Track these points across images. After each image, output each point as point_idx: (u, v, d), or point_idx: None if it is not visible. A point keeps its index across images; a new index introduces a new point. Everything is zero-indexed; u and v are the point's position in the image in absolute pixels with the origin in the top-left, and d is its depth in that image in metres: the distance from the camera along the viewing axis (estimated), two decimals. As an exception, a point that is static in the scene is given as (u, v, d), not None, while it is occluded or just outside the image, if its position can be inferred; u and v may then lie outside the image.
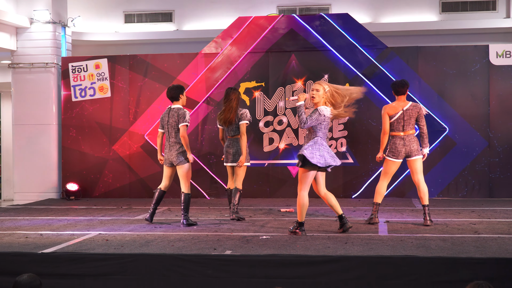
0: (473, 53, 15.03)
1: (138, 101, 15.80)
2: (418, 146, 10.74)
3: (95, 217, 12.41)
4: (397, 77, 14.67)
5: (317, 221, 11.35)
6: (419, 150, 10.74)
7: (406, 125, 10.75)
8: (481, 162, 14.87)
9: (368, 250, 8.54)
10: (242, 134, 11.50)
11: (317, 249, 8.69)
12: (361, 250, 8.55)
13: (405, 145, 10.71)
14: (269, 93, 15.38)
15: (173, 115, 11.03)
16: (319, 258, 8.09)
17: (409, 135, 10.75)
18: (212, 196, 15.56)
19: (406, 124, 10.75)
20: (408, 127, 10.75)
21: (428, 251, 8.46)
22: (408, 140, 10.72)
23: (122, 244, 9.26)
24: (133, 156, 15.80)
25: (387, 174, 10.94)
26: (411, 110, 10.75)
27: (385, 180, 10.95)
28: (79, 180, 15.91)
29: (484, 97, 14.91)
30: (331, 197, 9.95)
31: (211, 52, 15.61)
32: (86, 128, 15.99)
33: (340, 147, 15.14)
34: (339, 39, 15.24)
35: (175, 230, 10.51)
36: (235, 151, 11.62)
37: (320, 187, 9.91)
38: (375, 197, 10.99)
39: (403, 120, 10.74)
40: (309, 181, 9.66)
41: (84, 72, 16.02)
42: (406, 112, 10.75)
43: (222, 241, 9.39)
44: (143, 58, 15.95)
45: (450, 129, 14.85)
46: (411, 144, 10.70)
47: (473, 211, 12.52)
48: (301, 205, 9.66)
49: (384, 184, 10.96)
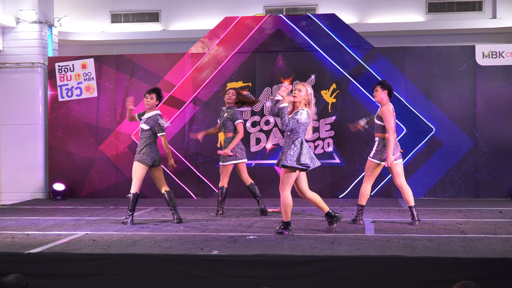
0: (459, 53, 15.06)
1: (125, 101, 15.73)
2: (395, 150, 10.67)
3: (81, 217, 12.37)
4: (384, 77, 14.69)
5: (303, 221, 11.35)
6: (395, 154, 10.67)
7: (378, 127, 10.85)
8: (467, 162, 14.91)
9: (355, 250, 8.55)
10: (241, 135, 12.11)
11: (304, 249, 8.69)
12: (348, 250, 8.56)
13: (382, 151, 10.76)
14: (256, 93, 15.37)
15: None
16: (306, 258, 8.09)
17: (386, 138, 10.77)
18: (199, 196, 15.53)
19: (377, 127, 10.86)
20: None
21: (415, 251, 8.47)
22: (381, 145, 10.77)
23: (109, 244, 9.24)
24: (119, 156, 15.76)
25: (372, 177, 10.90)
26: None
27: (369, 182, 10.91)
28: (65, 180, 15.85)
29: (470, 97, 14.95)
30: (316, 197, 9.95)
31: (198, 52, 15.59)
32: (73, 128, 15.93)
33: (327, 147, 15.15)
34: (326, 39, 15.25)
35: (162, 230, 10.48)
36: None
37: (304, 187, 9.89)
38: (360, 199, 10.95)
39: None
40: (292, 181, 9.68)
41: (71, 72, 15.97)
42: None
43: (209, 241, 9.38)
44: (129, 58, 15.92)
45: (436, 129, 14.88)
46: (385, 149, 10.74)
47: (460, 211, 12.56)
48: (286, 205, 9.67)
49: (369, 187, 10.92)
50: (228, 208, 13.24)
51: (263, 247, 8.87)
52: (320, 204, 9.94)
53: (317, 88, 15.09)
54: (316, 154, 14.97)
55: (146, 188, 14.03)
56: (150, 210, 13.30)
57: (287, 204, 9.66)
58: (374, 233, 9.98)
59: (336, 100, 15.21)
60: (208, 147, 15.27)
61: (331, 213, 10.04)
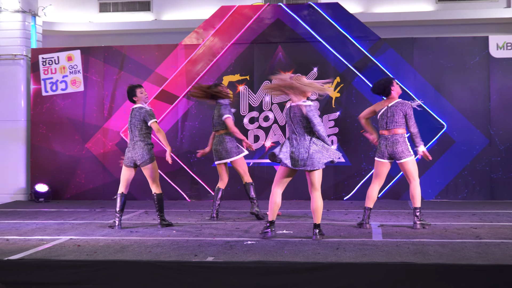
0: (472, 45, 15.03)
1: (114, 95, 15.71)
2: (404, 147, 10.61)
3: (66, 220, 12.31)
4: (391, 70, 14.66)
5: (306, 224, 11.29)
6: (406, 152, 10.61)
7: (389, 122, 10.69)
8: (481, 162, 14.86)
9: (361, 257, 8.50)
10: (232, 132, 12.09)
11: (306, 255, 8.64)
12: (353, 257, 8.51)
13: (387, 146, 10.67)
14: (254, 87, 15.33)
15: (135, 115, 11.22)
16: (309, 265, 8.04)
17: (393, 135, 10.67)
18: (193, 198, 15.49)
19: (389, 122, 10.70)
20: (392, 125, 10.67)
21: (426, 257, 8.42)
22: (391, 141, 10.66)
23: (95, 250, 9.19)
24: (107, 155, 15.71)
25: (377, 176, 10.90)
26: (396, 107, 10.71)
27: (377, 183, 10.90)
28: (49, 181, 15.79)
29: (484, 91, 14.91)
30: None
31: (192, 43, 15.54)
32: (57, 125, 15.88)
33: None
34: (329, 30, 15.20)
35: (152, 235, 10.43)
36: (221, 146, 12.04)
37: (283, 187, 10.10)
38: (366, 201, 10.94)
39: (386, 117, 10.72)
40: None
41: (56, 64, 15.91)
42: (390, 109, 10.73)
43: (203, 246, 9.33)
44: (118, 49, 15.86)
45: (448, 126, 14.84)
46: (394, 145, 10.63)
47: (474, 214, 12.50)
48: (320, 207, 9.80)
49: (376, 188, 10.91)
50: (224, 210, 13.18)
51: (262, 253, 8.82)
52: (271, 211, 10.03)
53: (319, 82, 15.03)
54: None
55: (134, 189, 13.99)
56: (140, 213, 13.25)
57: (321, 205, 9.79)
58: (382, 238, 9.93)
59: (340, 95, 15.18)
60: (203, 145, 15.18)
61: (273, 222, 10.06)
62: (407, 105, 10.71)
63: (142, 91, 11.29)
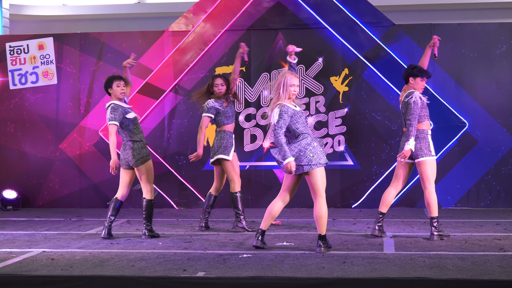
0: (498, 32, 15.08)
1: (91, 89, 15.76)
2: (423, 145, 10.73)
3: (38, 231, 12.36)
4: (406, 60, 14.71)
5: (309, 235, 11.36)
6: (425, 150, 10.73)
7: (404, 118, 10.92)
8: (508, 164, 14.93)
9: (371, 271, 8.55)
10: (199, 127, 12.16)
11: (309, 270, 8.69)
12: (362, 271, 8.55)
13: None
14: (251, 80, 15.38)
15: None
16: (312, 281, 8.04)
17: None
18: (181, 206, 15.54)
19: (404, 118, 10.92)
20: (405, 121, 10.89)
21: (444, 272, 8.47)
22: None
23: (71, 264, 9.22)
24: (84, 156, 15.75)
25: (395, 178, 11.07)
26: (403, 101, 10.95)
27: (394, 186, 11.05)
28: (18, 186, 15.84)
29: (511, 85, 14.96)
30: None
31: (180, 29, 15.59)
32: (27, 123, 15.92)
33: (338, 146, 15.17)
34: (336, 15, 15.23)
35: (135, 247, 10.48)
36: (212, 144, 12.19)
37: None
38: (380, 205, 11.11)
39: (402, 112, 11.03)
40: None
41: (25, 54, 15.95)
42: (403, 103, 10.96)
43: (193, 260, 9.37)
44: (97, 37, 15.90)
45: (470, 124, 14.91)
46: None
47: (498, 224, 12.58)
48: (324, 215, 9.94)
49: (392, 192, 11.06)
50: (217, 220, 13.24)
51: (259, 267, 8.86)
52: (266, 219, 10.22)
53: (325, 74, 15.13)
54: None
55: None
56: (122, 222, 13.30)
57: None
58: (394, 251, 9.97)
59: (349, 89, 15.23)
60: (192, 146, 15.27)
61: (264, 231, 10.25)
62: (413, 95, 10.87)
63: (119, 84, 11.29)
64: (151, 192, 11.33)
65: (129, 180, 11.40)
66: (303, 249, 10.14)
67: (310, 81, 15.18)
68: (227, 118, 12.05)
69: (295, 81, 9.87)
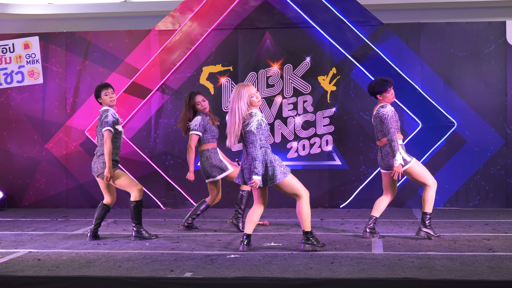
0: (487, 31, 15.11)
1: (77, 88, 15.73)
2: None
3: (24, 231, 12.35)
4: (394, 59, 14.74)
5: (296, 236, 11.37)
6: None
7: (377, 131, 11.01)
8: (496, 164, 14.97)
9: (359, 272, 8.57)
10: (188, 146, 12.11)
11: (297, 270, 8.70)
12: (350, 272, 8.57)
13: (382, 158, 10.96)
14: (238, 79, 15.37)
15: (99, 119, 11.32)
16: (300, 281, 8.05)
17: (384, 145, 10.90)
18: (169, 206, 15.53)
19: (377, 131, 11.03)
20: (379, 134, 10.93)
21: (432, 272, 8.49)
22: (384, 153, 10.91)
23: (58, 264, 9.23)
24: (71, 156, 15.73)
25: (384, 189, 11.25)
26: (375, 115, 11.00)
27: (385, 195, 11.25)
28: (4, 186, 15.82)
29: (500, 85, 15.00)
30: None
31: (167, 28, 15.58)
32: (13, 122, 15.89)
33: (325, 145, 15.18)
34: (324, 14, 15.25)
35: (122, 248, 10.48)
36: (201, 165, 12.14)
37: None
38: (372, 209, 11.26)
39: (374, 126, 11.14)
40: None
41: (10, 53, 15.93)
42: (374, 117, 11.08)
43: (180, 261, 9.38)
44: (83, 36, 15.88)
45: (458, 124, 14.94)
46: (388, 157, 10.84)
47: (487, 224, 12.62)
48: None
49: (384, 200, 11.27)
50: (204, 220, 13.24)
51: (247, 268, 8.88)
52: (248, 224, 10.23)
53: (313, 73, 15.14)
54: (312, 154, 15.05)
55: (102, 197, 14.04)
56: (109, 223, 13.29)
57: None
58: (383, 251, 10.00)
59: (337, 88, 15.25)
60: (180, 146, 15.27)
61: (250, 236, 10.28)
62: (380, 111, 10.90)
63: (107, 92, 11.22)
64: (135, 192, 11.30)
65: (105, 185, 11.43)
66: (291, 249, 10.16)
67: (298, 80, 15.19)
68: (213, 137, 12.02)
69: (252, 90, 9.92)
